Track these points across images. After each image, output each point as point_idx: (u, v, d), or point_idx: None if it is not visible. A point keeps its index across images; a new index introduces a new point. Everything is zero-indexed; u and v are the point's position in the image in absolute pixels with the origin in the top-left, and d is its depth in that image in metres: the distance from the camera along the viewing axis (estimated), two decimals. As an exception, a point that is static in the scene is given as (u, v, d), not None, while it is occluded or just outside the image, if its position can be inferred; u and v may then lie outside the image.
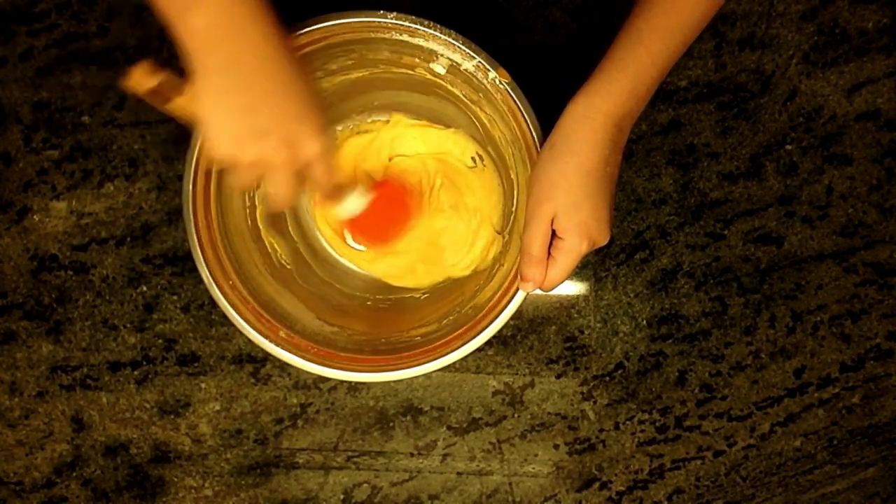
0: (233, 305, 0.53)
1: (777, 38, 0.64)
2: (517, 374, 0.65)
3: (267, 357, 0.64)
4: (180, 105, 0.43)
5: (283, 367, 0.64)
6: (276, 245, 0.60)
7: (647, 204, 0.65)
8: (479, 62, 0.51)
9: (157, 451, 0.65)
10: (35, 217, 0.64)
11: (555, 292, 0.65)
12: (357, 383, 0.65)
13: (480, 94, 0.55)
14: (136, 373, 0.64)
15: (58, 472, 0.65)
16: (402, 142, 0.63)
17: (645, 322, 0.65)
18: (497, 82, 0.52)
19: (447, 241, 0.63)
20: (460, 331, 0.54)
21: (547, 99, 0.67)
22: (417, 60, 0.54)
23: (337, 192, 0.53)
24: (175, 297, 0.64)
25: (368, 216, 0.56)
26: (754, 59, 0.64)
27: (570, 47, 0.64)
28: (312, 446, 0.65)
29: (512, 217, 0.61)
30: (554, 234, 0.48)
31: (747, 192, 0.65)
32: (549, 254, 0.49)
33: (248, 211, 0.58)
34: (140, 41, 0.63)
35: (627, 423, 0.65)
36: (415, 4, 0.62)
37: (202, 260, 0.53)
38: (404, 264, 0.63)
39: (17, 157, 0.64)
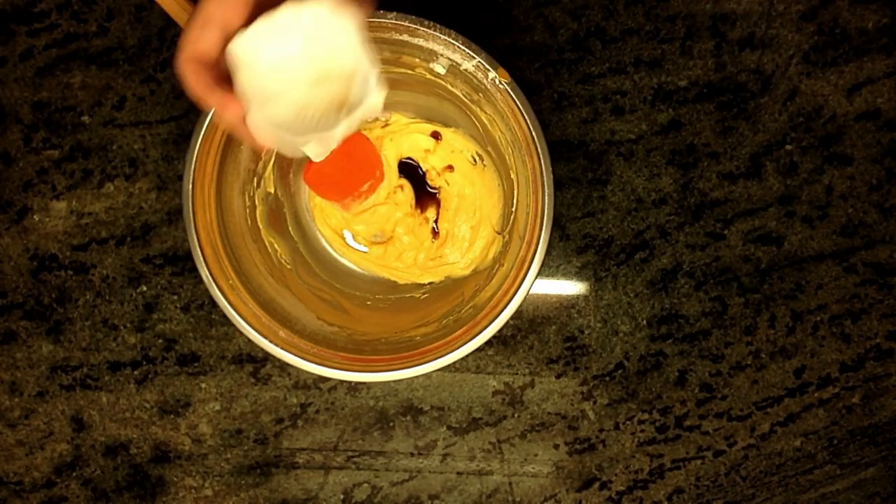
0: (233, 305, 0.53)
1: (777, 38, 0.64)
2: (517, 374, 0.65)
3: (267, 357, 0.64)
4: None
5: (283, 367, 0.64)
6: (275, 245, 0.60)
7: (647, 204, 0.65)
8: (479, 62, 0.51)
9: (157, 451, 0.65)
10: (35, 217, 0.64)
11: (555, 292, 0.65)
12: (357, 383, 0.65)
13: (480, 94, 0.55)
14: (136, 373, 0.64)
15: (58, 472, 0.65)
16: (402, 142, 0.63)
17: (645, 322, 0.65)
18: (497, 82, 0.51)
19: (447, 236, 0.63)
20: (460, 331, 0.54)
21: (547, 99, 0.66)
22: (417, 60, 0.54)
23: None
24: (175, 297, 0.64)
25: (332, 164, 0.53)
26: (754, 59, 0.64)
27: (570, 47, 0.64)
28: (312, 446, 0.65)
29: (512, 217, 0.61)
30: None
31: (747, 192, 0.65)
32: None
33: (247, 211, 0.58)
34: (140, 41, 0.63)
35: (627, 423, 0.65)
36: (415, 4, 0.62)
37: (202, 260, 0.53)
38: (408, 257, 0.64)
39: (17, 157, 0.64)
